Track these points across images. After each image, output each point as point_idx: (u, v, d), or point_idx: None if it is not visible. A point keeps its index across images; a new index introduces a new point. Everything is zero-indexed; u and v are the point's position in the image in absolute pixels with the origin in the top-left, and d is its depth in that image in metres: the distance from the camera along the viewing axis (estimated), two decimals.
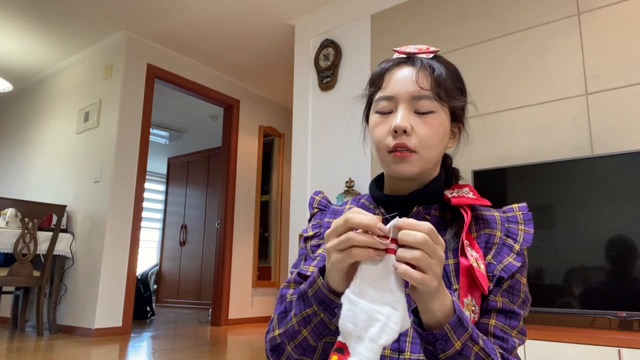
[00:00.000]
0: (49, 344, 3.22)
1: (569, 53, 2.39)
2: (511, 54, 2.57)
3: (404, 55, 0.76)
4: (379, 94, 0.75)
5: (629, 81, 2.20)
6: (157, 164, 7.53)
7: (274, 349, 0.69)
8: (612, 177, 1.97)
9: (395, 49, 0.78)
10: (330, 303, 0.60)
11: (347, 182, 3.09)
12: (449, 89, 0.73)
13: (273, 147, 5.39)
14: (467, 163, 2.50)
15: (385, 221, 0.54)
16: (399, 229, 0.53)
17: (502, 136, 2.51)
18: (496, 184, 2.29)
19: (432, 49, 0.76)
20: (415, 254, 0.51)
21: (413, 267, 0.52)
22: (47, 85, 4.87)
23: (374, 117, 0.75)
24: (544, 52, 2.47)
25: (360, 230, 0.53)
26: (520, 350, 1.84)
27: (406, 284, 0.57)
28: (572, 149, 2.28)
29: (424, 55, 0.75)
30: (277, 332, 0.68)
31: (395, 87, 0.73)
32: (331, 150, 3.27)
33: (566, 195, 2.05)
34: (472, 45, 2.72)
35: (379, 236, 0.53)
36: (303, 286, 0.64)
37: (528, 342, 1.85)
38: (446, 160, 0.83)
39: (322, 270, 0.62)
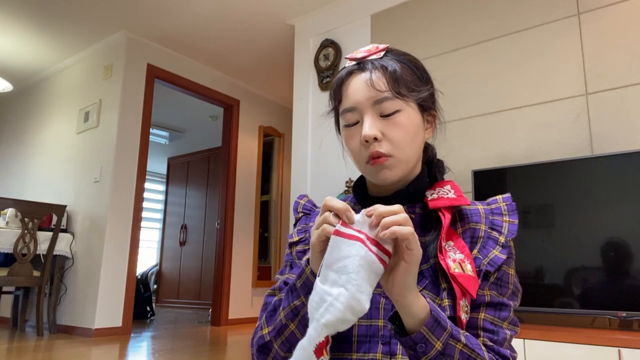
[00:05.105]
0: (49, 344, 3.22)
1: (569, 53, 2.39)
2: (511, 54, 2.57)
3: (354, 63, 0.74)
4: (342, 107, 0.74)
5: (629, 81, 2.20)
6: (157, 164, 7.53)
7: (261, 349, 0.68)
8: (612, 177, 1.97)
9: (346, 56, 0.76)
10: None
11: (347, 182, 3.09)
12: (408, 83, 0.71)
13: (273, 147, 5.39)
14: (467, 163, 2.50)
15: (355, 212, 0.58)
16: (369, 216, 0.55)
17: (502, 136, 2.51)
18: (496, 184, 2.29)
19: (381, 46, 0.74)
20: (402, 215, 0.54)
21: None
22: (47, 85, 4.87)
23: (344, 132, 0.75)
24: (544, 52, 2.47)
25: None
26: (520, 351, 1.84)
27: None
28: (572, 149, 2.27)
29: (374, 56, 0.73)
30: (265, 330, 0.68)
31: (354, 97, 0.71)
32: (331, 150, 3.27)
33: (566, 195, 2.05)
34: (472, 45, 2.72)
35: (344, 223, 0.56)
36: (293, 279, 0.65)
37: (528, 342, 1.85)
38: (427, 151, 0.80)
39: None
